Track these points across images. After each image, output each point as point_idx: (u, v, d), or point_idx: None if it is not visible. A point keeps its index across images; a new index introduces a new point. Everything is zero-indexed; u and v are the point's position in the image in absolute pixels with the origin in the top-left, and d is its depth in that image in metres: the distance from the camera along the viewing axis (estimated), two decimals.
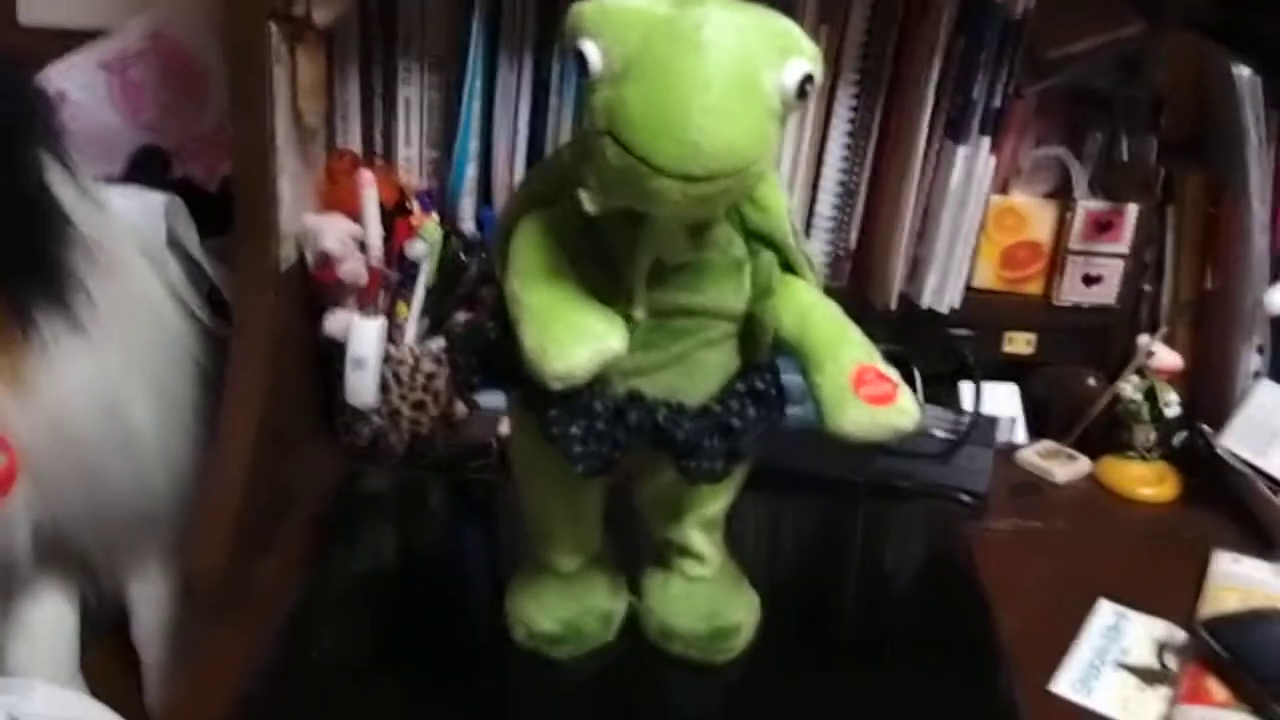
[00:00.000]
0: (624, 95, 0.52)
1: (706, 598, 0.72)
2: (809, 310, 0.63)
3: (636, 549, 0.75)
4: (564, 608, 0.72)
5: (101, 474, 0.80)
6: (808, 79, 0.54)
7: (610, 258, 0.60)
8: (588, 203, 0.56)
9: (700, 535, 0.71)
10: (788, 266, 0.64)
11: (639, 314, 0.60)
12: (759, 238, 0.63)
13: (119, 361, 0.80)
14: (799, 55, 0.55)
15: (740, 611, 0.73)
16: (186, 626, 0.87)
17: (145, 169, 1.01)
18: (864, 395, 0.60)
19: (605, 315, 0.58)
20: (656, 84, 0.51)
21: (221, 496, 0.81)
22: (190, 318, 0.91)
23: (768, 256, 0.63)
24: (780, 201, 0.62)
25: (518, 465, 0.70)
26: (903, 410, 0.60)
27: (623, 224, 0.58)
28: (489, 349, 0.63)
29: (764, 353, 0.65)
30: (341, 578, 0.83)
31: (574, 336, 0.57)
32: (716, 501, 0.70)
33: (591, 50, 0.54)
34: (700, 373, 0.63)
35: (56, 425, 0.76)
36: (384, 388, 0.94)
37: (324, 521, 0.87)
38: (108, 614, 0.90)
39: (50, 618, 0.86)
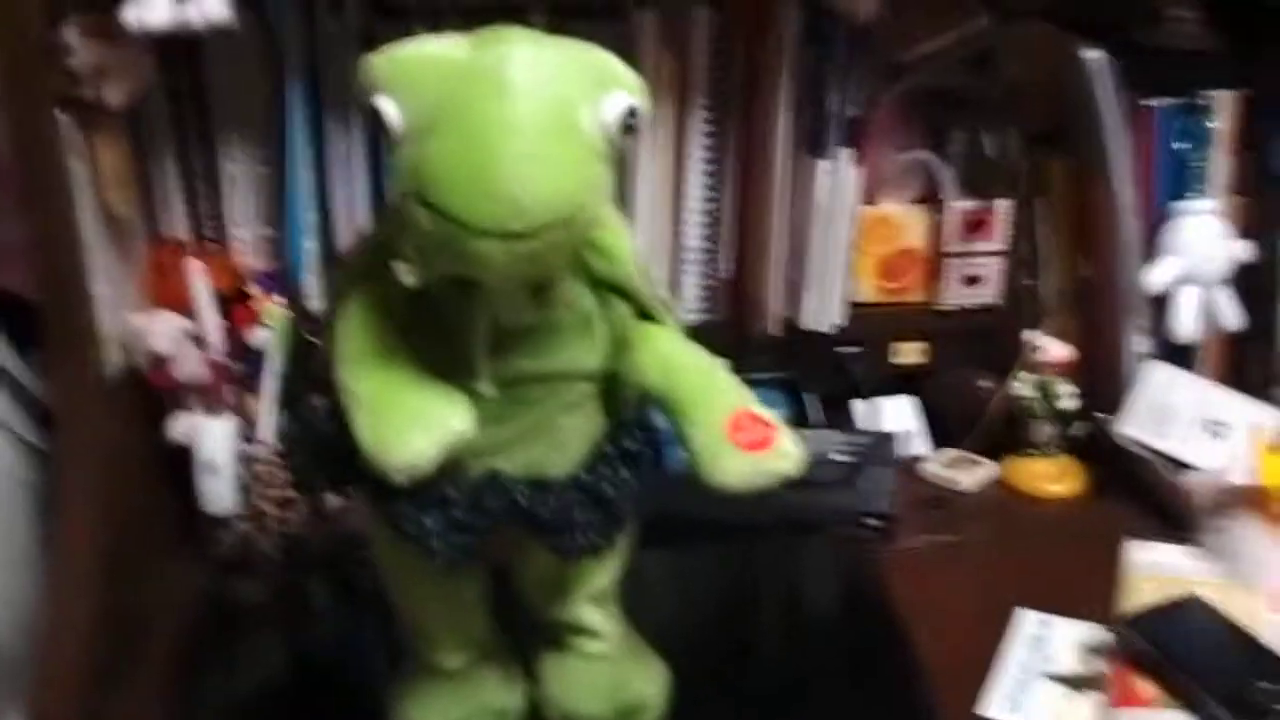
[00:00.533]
0: (429, 152, 0.47)
1: (608, 676, 0.67)
2: (672, 358, 0.58)
3: (528, 631, 0.69)
4: (453, 710, 0.66)
5: None
6: (631, 112, 0.50)
7: (446, 330, 0.55)
8: (406, 275, 0.51)
9: (592, 610, 0.66)
10: (643, 314, 0.59)
11: (485, 388, 0.55)
12: (607, 286, 0.58)
13: None
14: (618, 87, 0.50)
15: (646, 685, 0.68)
16: None
17: None
18: (740, 442, 0.55)
19: (445, 395, 0.53)
20: (462, 136, 0.46)
21: (65, 635, 0.73)
22: (14, 441, 0.83)
23: (619, 306, 0.58)
24: (624, 244, 0.58)
25: (381, 563, 0.64)
26: (783, 453, 0.56)
27: (454, 292, 0.53)
28: (323, 444, 0.57)
29: (629, 410, 0.60)
30: (211, 707, 0.76)
31: (412, 423, 0.52)
32: (604, 572, 0.65)
33: (388, 107, 0.48)
34: (562, 441, 0.58)
35: None
36: (244, 489, 0.86)
37: (188, 645, 0.80)
38: None
39: None
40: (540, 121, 0.47)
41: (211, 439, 0.84)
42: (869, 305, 1.01)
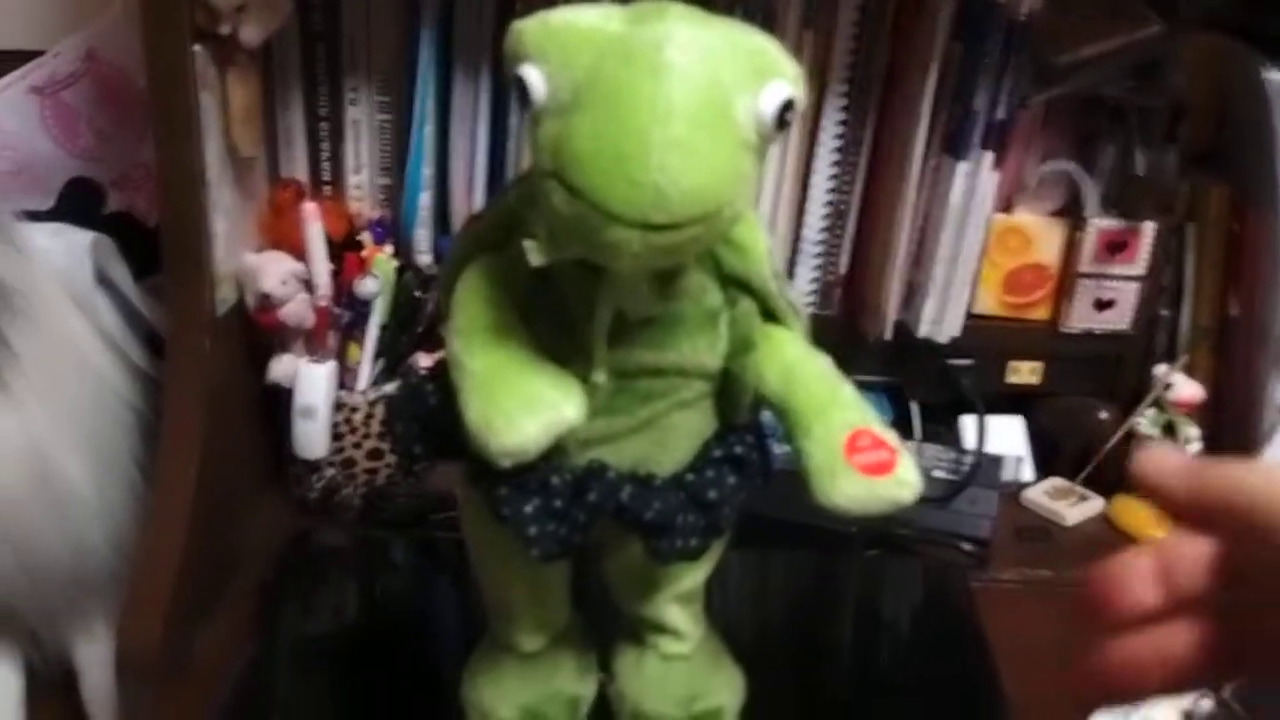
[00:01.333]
0: (572, 129, 0.44)
1: (684, 679, 0.65)
2: (795, 366, 0.55)
3: (608, 621, 0.68)
4: (525, 693, 0.64)
5: (32, 538, 0.74)
6: (788, 105, 0.47)
7: (566, 312, 0.52)
8: (534, 254, 0.48)
9: (677, 610, 0.64)
10: (769, 315, 0.56)
11: (599, 377, 0.53)
12: (736, 283, 0.55)
13: (45, 418, 0.74)
14: (778, 77, 0.47)
15: (722, 693, 0.66)
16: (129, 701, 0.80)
17: (78, 202, 0.93)
18: (858, 464, 0.52)
19: (559, 380, 0.51)
20: (609, 115, 0.44)
21: (157, 563, 0.74)
22: (126, 364, 0.83)
23: (746, 305, 0.55)
24: (760, 241, 0.55)
25: (471, 540, 0.63)
26: (902, 481, 0.52)
27: (579, 274, 0.51)
28: (430, 416, 0.56)
29: (744, 414, 0.57)
30: (289, 646, 0.77)
31: (522, 406, 0.49)
32: (695, 574, 0.63)
33: (534, 76, 0.46)
34: (672, 439, 0.56)
35: None
36: (336, 436, 0.86)
37: (272, 585, 0.81)
38: (56, 674, 0.84)
39: None
40: (694, 108, 0.44)
41: (310, 384, 0.84)
42: (989, 318, 0.96)
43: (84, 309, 0.81)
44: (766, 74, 0.47)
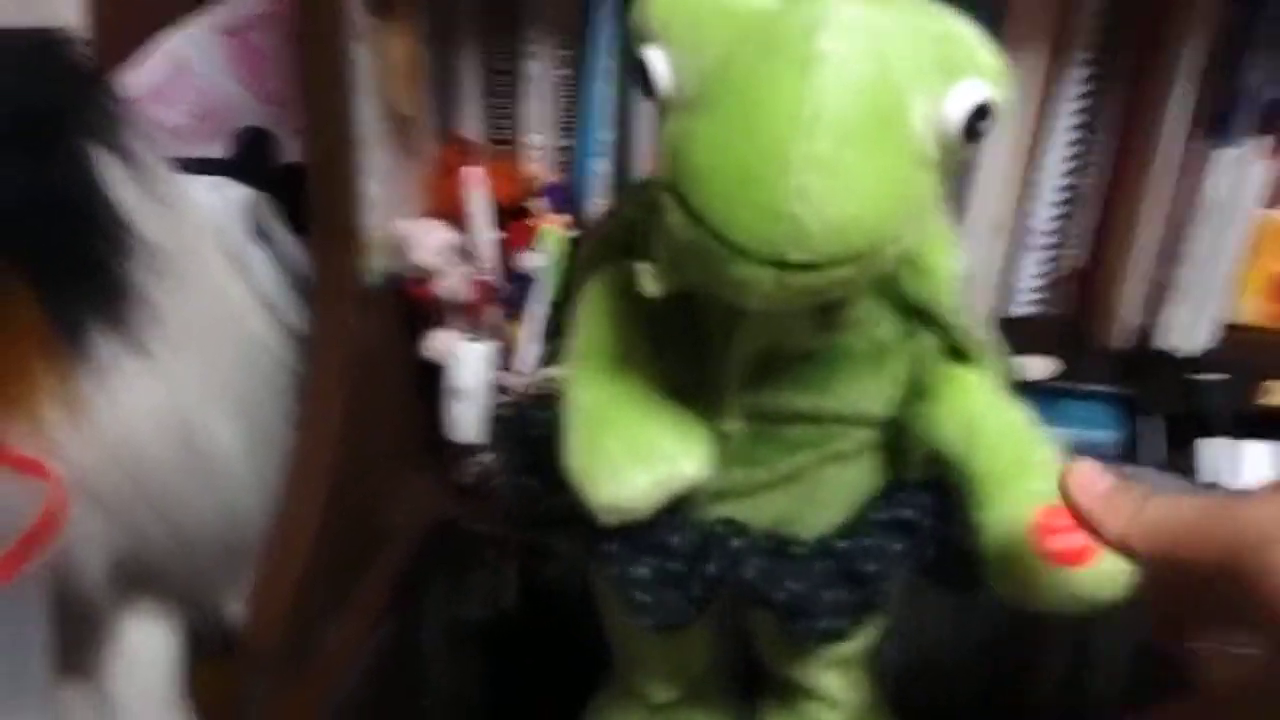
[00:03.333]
0: (694, 134, 0.35)
1: None
2: (981, 418, 0.45)
3: (755, 672, 0.59)
4: None
5: (182, 505, 0.72)
6: (983, 111, 0.36)
7: (700, 343, 0.44)
8: (648, 282, 0.40)
9: (835, 677, 0.55)
10: (955, 354, 0.46)
11: (731, 425, 0.44)
12: (918, 314, 0.45)
13: (193, 382, 0.72)
14: (972, 74, 0.36)
15: None
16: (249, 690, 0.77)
17: (251, 152, 0.90)
18: (1048, 549, 0.41)
19: (680, 428, 0.43)
20: (739, 121, 0.34)
21: (287, 547, 0.70)
22: (283, 325, 0.80)
23: (928, 341, 0.45)
24: (948, 264, 0.44)
25: (599, 590, 0.55)
26: (1104, 574, 0.41)
27: (717, 301, 0.42)
28: (535, 447, 0.48)
29: (915, 471, 0.47)
30: (422, 643, 0.73)
31: (633, 455, 0.42)
32: (858, 639, 0.53)
33: (658, 62, 0.37)
34: (824, 495, 0.47)
35: (123, 455, 0.68)
36: (497, 420, 0.80)
37: (410, 574, 0.76)
38: (218, 634, 0.83)
39: (148, 645, 0.79)
40: (852, 115, 0.34)
41: (466, 363, 0.79)
42: (1246, 329, 0.82)
43: (240, 267, 0.79)
44: (957, 69, 0.36)
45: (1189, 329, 0.81)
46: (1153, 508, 0.35)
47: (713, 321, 0.43)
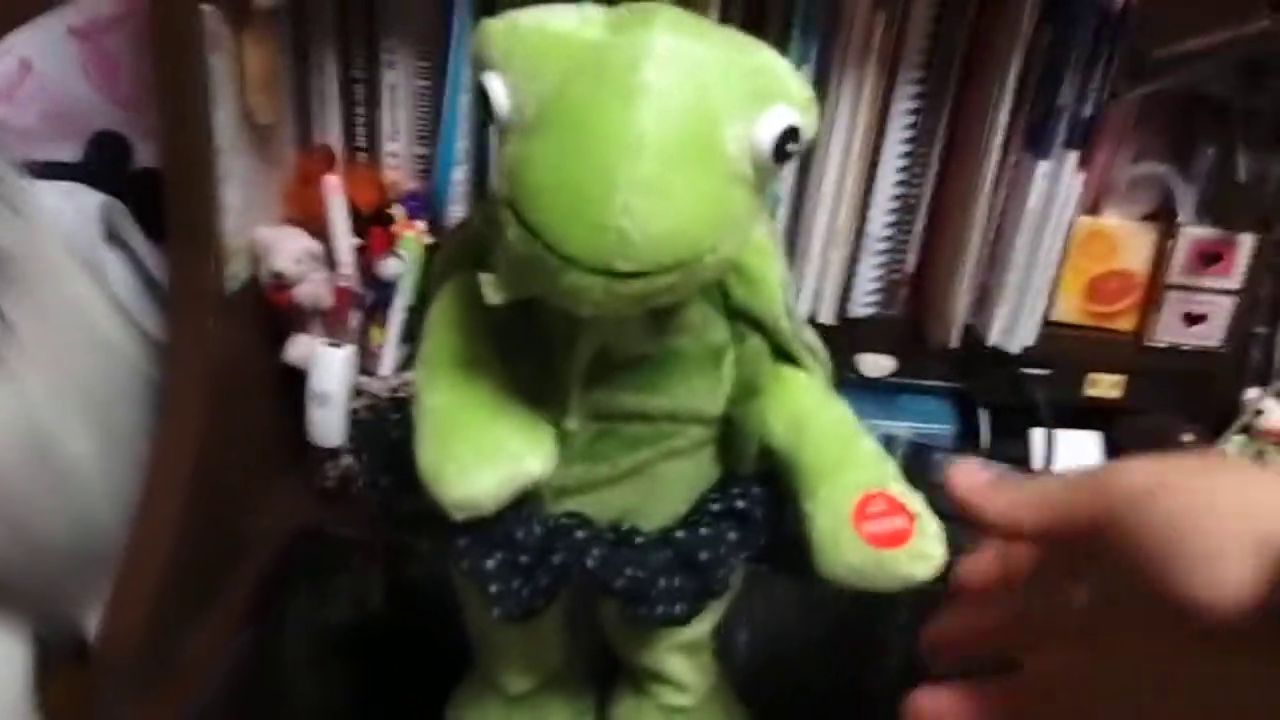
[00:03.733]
0: (530, 156, 0.38)
1: None
2: (806, 415, 0.49)
3: (607, 662, 0.62)
4: None
5: (33, 516, 0.71)
6: (789, 134, 0.40)
7: (545, 345, 0.47)
8: (490, 291, 0.43)
9: (680, 660, 0.58)
10: (782, 355, 0.49)
11: (572, 424, 0.47)
12: (745, 318, 0.48)
13: (43, 389, 0.71)
14: (780, 101, 0.40)
15: None
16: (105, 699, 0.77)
17: (104, 156, 0.89)
18: (867, 532, 0.46)
19: (525, 427, 0.46)
20: (572, 145, 0.37)
21: (144, 555, 0.70)
22: (139, 331, 0.80)
23: (755, 343, 0.49)
24: (773, 270, 0.48)
25: (456, 581, 0.57)
26: (918, 554, 0.46)
27: (560, 310, 0.45)
28: (393, 449, 0.50)
29: (748, 465, 0.51)
30: (283, 648, 0.73)
31: (479, 455, 0.44)
32: (698, 625, 0.57)
33: (497, 87, 0.40)
34: (662, 489, 0.50)
35: None
36: (355, 424, 0.81)
37: (273, 578, 0.77)
38: (69, 644, 0.81)
39: None
40: (672, 139, 0.37)
41: (327, 368, 0.79)
42: (1067, 326, 0.88)
43: (93, 273, 0.78)
44: (766, 97, 0.40)
45: (1013, 329, 0.87)
46: (1030, 489, 0.37)
47: (554, 327, 0.46)
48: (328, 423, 0.80)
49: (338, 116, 0.84)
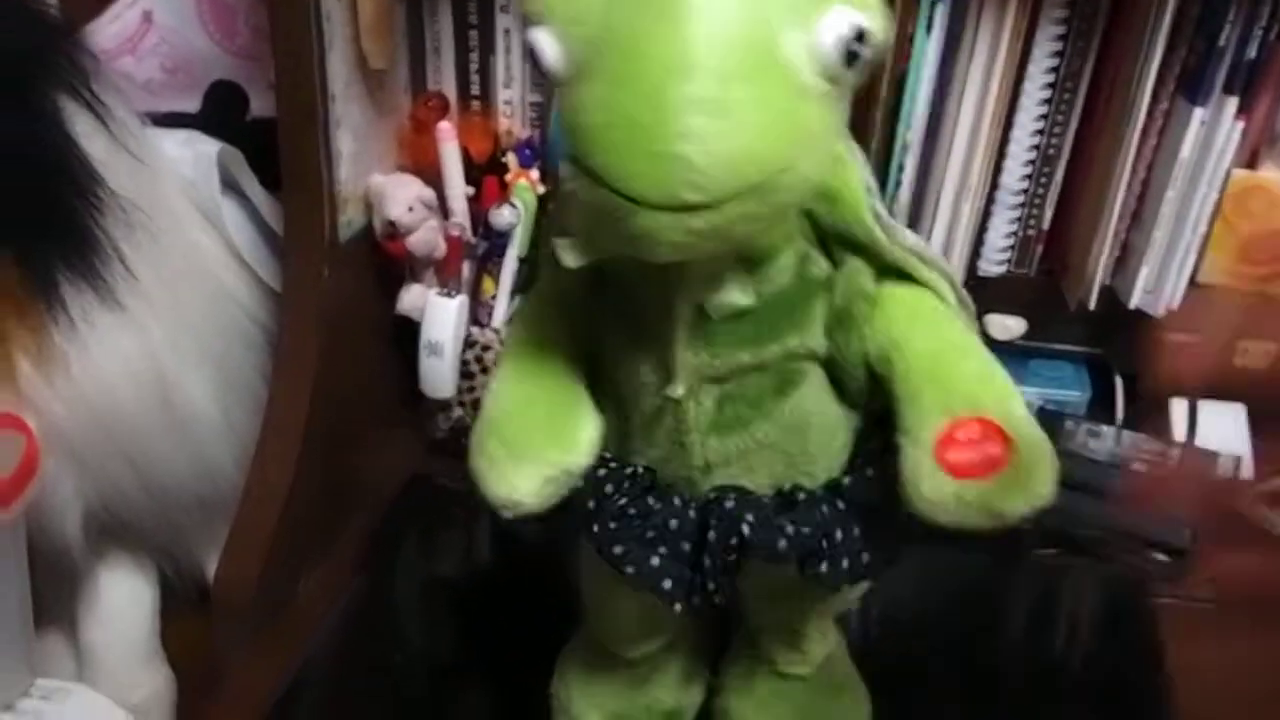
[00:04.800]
0: (583, 99, 0.36)
1: (798, 704, 0.57)
2: (905, 337, 0.45)
3: (723, 622, 0.60)
4: (619, 701, 0.58)
5: (155, 457, 0.72)
6: (859, 36, 0.37)
7: (643, 316, 0.44)
8: (566, 254, 0.41)
9: (811, 623, 0.55)
10: (888, 271, 0.46)
11: (678, 390, 0.44)
12: (836, 239, 0.45)
13: (166, 335, 0.72)
14: (841, 1, 0.37)
15: None
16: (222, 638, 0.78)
17: (220, 106, 0.90)
18: (949, 462, 0.42)
19: (558, 423, 0.45)
20: (620, 75, 0.35)
21: (262, 498, 0.71)
22: (252, 278, 0.80)
23: (854, 265, 0.45)
24: (854, 182, 0.44)
25: (583, 556, 0.55)
26: (1011, 486, 0.41)
27: (647, 269, 0.42)
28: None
29: (863, 398, 0.47)
30: (395, 595, 0.74)
31: (510, 454, 0.44)
32: (853, 590, 0.54)
33: (544, 41, 0.38)
34: (812, 436, 0.47)
35: (97, 408, 0.68)
36: (467, 374, 0.81)
37: (386, 528, 0.78)
38: (192, 589, 0.83)
39: (123, 596, 0.79)
40: (725, 53, 0.34)
41: (439, 318, 0.79)
42: (1217, 289, 0.83)
43: (211, 221, 0.78)
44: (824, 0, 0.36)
45: (1157, 290, 0.82)
46: None
47: (647, 291, 0.44)
48: (439, 373, 0.79)
49: (452, 63, 0.83)
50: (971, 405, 0.43)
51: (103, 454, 0.69)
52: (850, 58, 0.37)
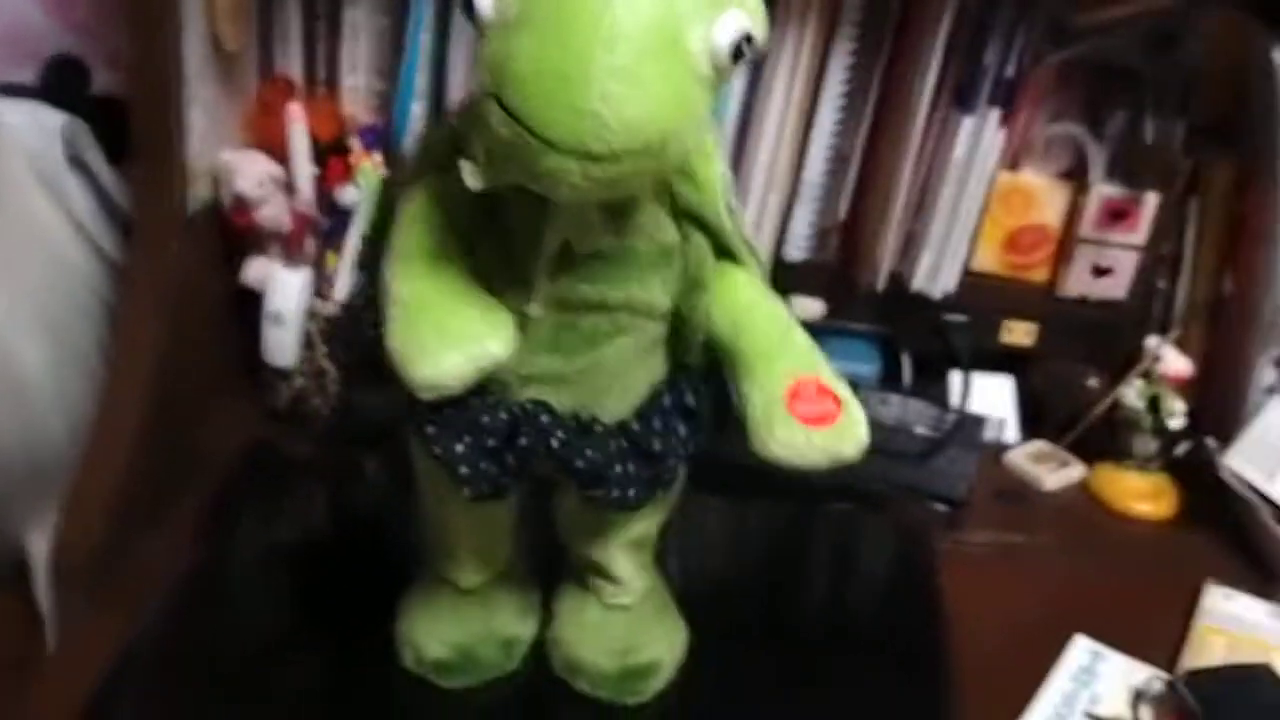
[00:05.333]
0: (513, 49, 0.43)
1: (623, 630, 0.64)
2: (745, 307, 0.54)
3: (555, 561, 0.67)
4: (460, 631, 0.63)
5: None
6: (746, 38, 0.45)
7: (511, 240, 0.51)
8: (471, 178, 0.47)
9: (624, 557, 0.63)
10: (724, 253, 0.54)
11: (535, 310, 0.51)
12: (690, 218, 0.53)
13: (3, 301, 0.73)
14: (736, 7, 0.45)
15: (658, 648, 0.65)
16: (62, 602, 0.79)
17: (61, 80, 0.91)
18: (798, 413, 0.51)
19: (487, 313, 0.50)
20: (551, 37, 0.42)
21: (102, 462, 0.72)
22: (94, 251, 0.82)
23: (699, 241, 0.53)
24: (715, 173, 0.53)
25: (416, 470, 0.61)
26: (844, 434, 0.51)
27: (527, 201, 0.49)
28: (368, 344, 0.54)
29: (694, 357, 0.55)
30: (234, 558, 0.75)
31: (443, 339, 0.49)
32: (644, 522, 0.62)
33: None
34: (620, 383, 0.54)
35: None
36: (308, 345, 0.85)
37: (226, 493, 0.79)
38: (8, 567, 0.83)
39: None
40: (642, 34, 0.42)
41: (283, 289, 0.82)
42: (986, 275, 0.94)
43: (53, 193, 0.80)
44: (724, 3, 0.44)
45: (935, 275, 0.93)
46: None
47: (522, 220, 0.50)
48: (282, 343, 0.83)
49: (299, 49, 0.87)
50: (808, 367, 0.52)
51: None
52: (736, 55, 0.45)
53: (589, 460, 0.53)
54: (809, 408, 0.51)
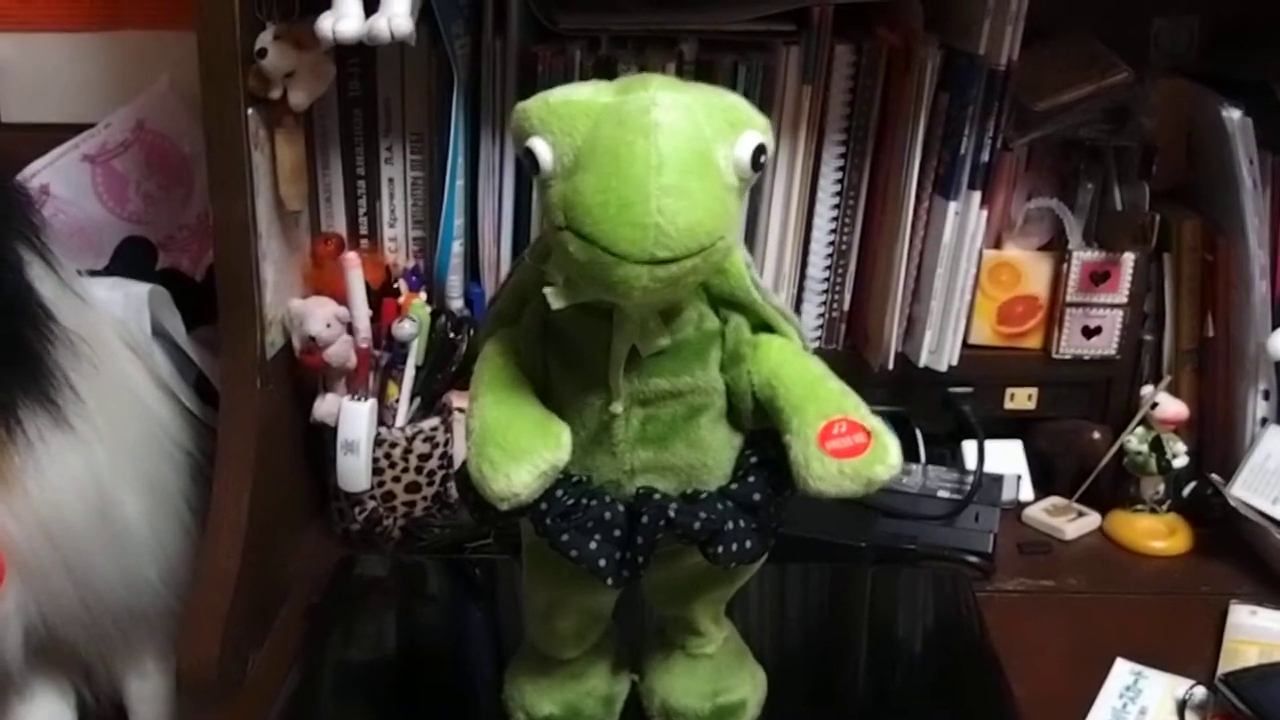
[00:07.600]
0: (579, 186, 0.52)
1: (710, 675, 0.71)
2: (779, 369, 0.61)
3: (639, 624, 0.73)
4: (563, 690, 0.70)
5: (93, 571, 0.79)
6: (760, 150, 0.55)
7: (585, 357, 0.60)
8: (554, 299, 0.56)
9: (704, 612, 0.70)
10: (763, 326, 0.63)
11: (618, 408, 0.60)
12: (726, 303, 0.62)
13: (107, 456, 0.79)
14: (750, 128, 0.55)
15: (744, 688, 0.71)
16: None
17: (131, 261, 1.01)
18: (829, 449, 0.58)
19: (542, 426, 0.58)
20: (610, 171, 0.51)
21: (213, 589, 0.79)
22: (178, 408, 0.89)
23: (737, 322, 0.62)
24: (738, 261, 0.61)
25: (530, 570, 0.68)
26: (874, 458, 0.58)
27: (593, 322, 0.58)
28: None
29: (749, 419, 0.63)
30: (336, 666, 0.81)
31: (508, 456, 0.57)
32: (736, 581, 0.69)
33: (541, 147, 0.54)
34: (711, 455, 0.62)
35: (46, 525, 0.75)
36: (376, 470, 0.92)
37: (319, 609, 0.86)
38: (106, 712, 0.88)
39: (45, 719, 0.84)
40: (682, 158, 0.51)
41: (353, 420, 0.90)
42: (985, 348, 1.02)
43: (141, 356, 0.88)
44: (740, 126, 0.55)
45: (939, 351, 0.99)
46: None
47: (592, 338, 0.59)
48: (355, 469, 0.90)
49: (342, 207, 0.97)
50: (839, 410, 0.60)
51: (47, 567, 0.76)
52: (756, 164, 0.55)
53: (705, 521, 0.60)
54: (839, 443, 0.58)
